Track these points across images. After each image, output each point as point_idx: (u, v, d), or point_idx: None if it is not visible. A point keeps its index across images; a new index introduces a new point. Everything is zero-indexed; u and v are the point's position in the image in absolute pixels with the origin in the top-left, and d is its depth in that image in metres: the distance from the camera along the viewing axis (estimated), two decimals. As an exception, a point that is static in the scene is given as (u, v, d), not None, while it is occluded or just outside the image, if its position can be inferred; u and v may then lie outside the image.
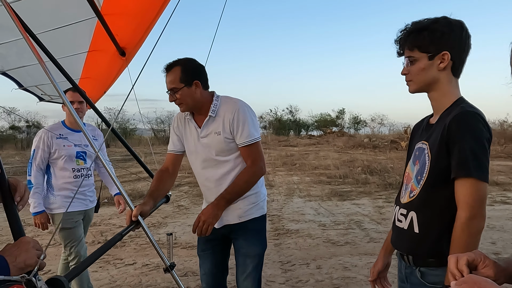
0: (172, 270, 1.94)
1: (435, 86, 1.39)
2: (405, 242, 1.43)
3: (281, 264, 4.21)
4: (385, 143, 20.75)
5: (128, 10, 3.39)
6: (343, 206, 7.10)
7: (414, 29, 1.36)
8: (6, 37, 3.28)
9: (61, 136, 2.85)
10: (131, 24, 3.54)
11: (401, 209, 1.45)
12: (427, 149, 1.36)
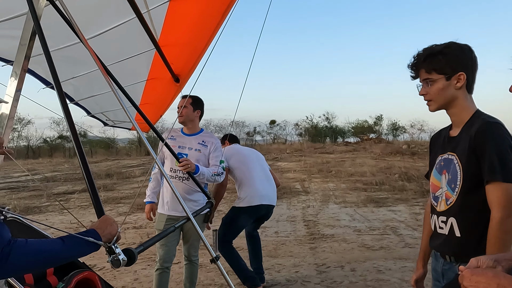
0: (218, 261, 2.21)
1: (454, 103, 1.55)
2: (448, 246, 1.55)
3: (316, 266, 4.39)
4: (424, 149, 20.21)
5: (181, 40, 3.81)
6: (379, 213, 7.14)
7: (428, 54, 1.54)
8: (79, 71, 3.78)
9: (172, 137, 3.16)
10: (185, 53, 3.97)
11: (440, 216, 1.57)
12: (456, 160, 1.51)
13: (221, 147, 3.37)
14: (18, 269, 1.08)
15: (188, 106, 3.18)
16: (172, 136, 3.20)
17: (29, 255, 1.07)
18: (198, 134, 3.24)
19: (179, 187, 3.03)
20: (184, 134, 3.24)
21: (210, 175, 3.02)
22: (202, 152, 3.16)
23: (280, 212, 7.48)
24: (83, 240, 1.20)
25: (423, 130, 38.96)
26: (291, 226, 6.33)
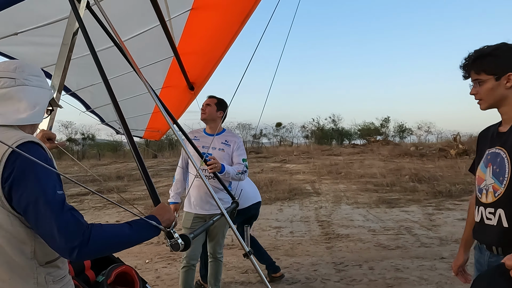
0: (251, 256, 2.28)
1: (504, 102, 1.62)
2: (495, 236, 1.61)
3: (335, 265, 4.44)
4: (433, 151, 20.20)
5: (199, 48, 3.92)
6: (392, 213, 7.17)
7: (478, 56, 1.62)
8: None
9: (195, 138, 3.23)
10: (201, 61, 4.08)
11: (488, 208, 1.64)
12: (504, 154, 1.59)
13: (243, 145, 3.44)
14: (97, 252, 1.15)
15: (212, 105, 3.26)
16: (196, 137, 3.27)
17: (105, 239, 1.15)
18: (221, 134, 3.32)
19: (205, 186, 3.10)
20: (207, 134, 3.32)
21: (235, 173, 3.09)
22: (225, 151, 3.23)
23: (293, 212, 7.54)
24: (147, 224, 1.28)
25: (430, 132, 38.89)
26: (306, 226, 6.39)
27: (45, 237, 1.11)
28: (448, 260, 4.44)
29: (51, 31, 2.93)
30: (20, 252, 1.13)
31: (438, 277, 3.96)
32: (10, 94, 1.22)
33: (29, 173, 1.09)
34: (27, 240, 1.14)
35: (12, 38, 2.96)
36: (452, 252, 4.69)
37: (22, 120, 1.21)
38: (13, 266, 1.12)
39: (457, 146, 18.84)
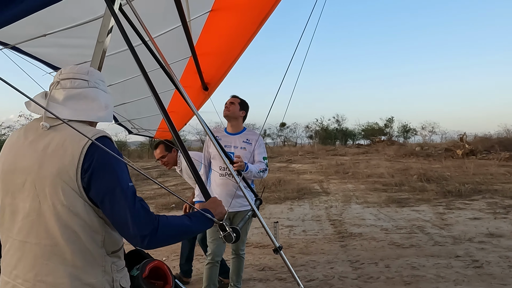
0: (281, 251, 2.33)
1: None
2: None
3: (351, 263, 4.48)
4: (438, 151, 20.18)
5: (216, 49, 3.98)
6: (403, 212, 7.20)
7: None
8: (116, 79, 3.97)
9: (217, 138, 3.22)
10: (217, 62, 4.14)
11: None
12: None
13: (263, 143, 3.49)
14: (164, 241, 1.21)
15: (236, 104, 3.31)
16: (217, 137, 3.32)
17: (170, 228, 1.22)
18: (242, 133, 3.36)
19: (229, 184, 3.16)
20: (228, 133, 3.36)
21: (256, 171, 3.13)
22: (247, 150, 3.28)
23: (304, 212, 7.58)
24: (204, 217, 1.34)
25: (434, 132, 38.88)
26: (318, 225, 6.42)
27: (119, 226, 1.17)
28: (463, 258, 4.47)
29: (76, 33, 3.00)
30: (93, 240, 1.19)
31: (455, 274, 3.99)
32: (84, 93, 1.30)
33: (107, 165, 1.16)
34: (99, 230, 1.20)
35: (40, 39, 3.03)
36: (466, 251, 4.72)
37: (101, 118, 1.29)
38: (86, 253, 1.18)
39: (463, 146, 18.81)
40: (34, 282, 1.14)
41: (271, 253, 4.93)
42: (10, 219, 1.20)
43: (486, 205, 7.50)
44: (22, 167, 1.18)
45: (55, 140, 1.18)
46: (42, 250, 1.15)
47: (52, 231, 1.14)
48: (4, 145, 1.29)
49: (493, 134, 26.36)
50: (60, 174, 1.14)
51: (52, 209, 1.14)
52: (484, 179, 10.43)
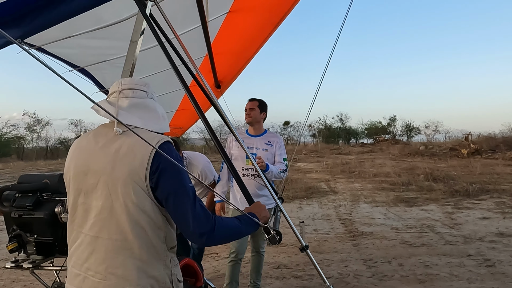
0: (307, 250, 2.41)
1: None
2: None
3: (364, 261, 4.56)
4: (443, 150, 20.20)
5: (230, 49, 4.06)
6: (412, 212, 7.27)
7: None
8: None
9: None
10: (231, 61, 4.23)
11: None
12: None
13: (284, 145, 3.57)
14: (219, 239, 1.30)
15: (256, 108, 3.39)
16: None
17: (225, 229, 1.31)
18: (264, 135, 3.45)
19: (251, 184, 3.24)
20: (250, 135, 3.46)
21: (277, 172, 3.22)
22: (269, 151, 3.38)
23: (313, 211, 7.66)
24: (250, 220, 1.42)
25: (438, 131, 38.81)
26: (328, 224, 6.51)
27: (180, 223, 1.28)
28: (475, 257, 4.55)
29: (98, 34, 3.10)
30: (157, 236, 1.29)
31: (468, 273, 4.07)
32: (145, 103, 1.41)
33: (172, 168, 1.26)
34: (162, 226, 1.30)
35: (64, 40, 3.12)
36: (478, 250, 4.79)
37: (162, 128, 1.40)
38: (151, 248, 1.28)
39: (469, 145, 18.84)
40: (105, 274, 1.24)
41: (285, 252, 5.02)
42: (82, 216, 1.29)
43: (494, 205, 7.56)
44: (95, 169, 1.28)
45: (126, 144, 1.28)
46: (113, 245, 1.25)
47: (123, 227, 1.24)
48: (72, 149, 1.39)
49: (497, 133, 26.37)
50: (131, 175, 1.24)
51: (124, 207, 1.24)
52: (491, 179, 10.49)
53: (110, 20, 2.93)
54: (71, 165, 1.35)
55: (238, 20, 3.80)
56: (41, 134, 38.78)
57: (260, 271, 3.51)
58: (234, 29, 3.96)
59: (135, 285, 1.24)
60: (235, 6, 3.56)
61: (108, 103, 1.39)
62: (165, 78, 4.03)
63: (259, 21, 3.93)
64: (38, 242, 2.29)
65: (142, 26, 2.42)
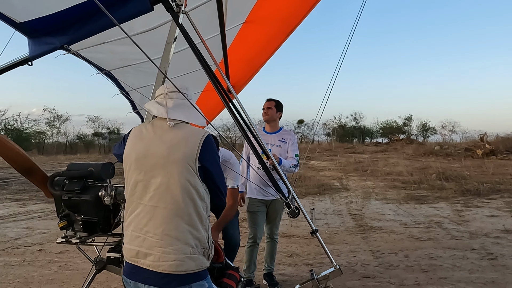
0: (317, 233, 2.72)
1: None
2: None
3: (372, 253, 4.84)
4: (458, 151, 20.14)
5: (243, 56, 4.43)
6: (421, 209, 7.49)
7: None
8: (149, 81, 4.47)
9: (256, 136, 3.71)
10: (243, 68, 4.59)
11: None
12: None
13: (296, 142, 3.88)
14: None
15: (272, 108, 3.72)
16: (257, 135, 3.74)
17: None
18: (278, 132, 3.78)
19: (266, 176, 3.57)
20: (266, 132, 3.79)
21: (289, 166, 3.55)
22: (282, 148, 3.70)
23: (325, 206, 7.95)
24: None
25: (455, 131, 38.43)
26: (339, 218, 6.79)
27: (215, 196, 1.68)
28: (479, 251, 4.78)
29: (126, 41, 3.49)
30: (201, 206, 1.64)
31: (470, 265, 4.31)
32: (186, 104, 1.78)
33: (213, 155, 1.64)
34: (205, 199, 1.66)
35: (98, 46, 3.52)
36: (482, 245, 5.02)
37: (200, 122, 1.76)
38: (196, 216, 1.63)
39: (484, 146, 18.76)
40: (162, 235, 1.59)
41: (297, 242, 5.34)
42: (142, 191, 1.64)
43: (504, 204, 7.71)
44: (153, 153, 1.64)
45: (179, 135, 1.65)
46: (168, 213, 1.59)
47: (177, 198, 1.59)
48: (131, 136, 1.76)
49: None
50: (185, 158, 1.60)
51: (178, 183, 1.59)
52: (503, 179, 10.57)
53: (140, 29, 3.31)
54: (133, 150, 1.70)
55: (253, 30, 4.16)
56: (61, 129, 39.88)
57: (274, 256, 3.84)
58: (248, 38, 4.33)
59: (184, 244, 1.59)
60: (251, 17, 3.92)
61: (157, 103, 1.75)
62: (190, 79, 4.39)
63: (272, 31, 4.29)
64: (84, 221, 2.65)
65: (175, 34, 2.77)
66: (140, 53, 4.26)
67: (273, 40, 4.43)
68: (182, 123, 1.70)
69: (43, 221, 7.07)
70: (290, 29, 4.03)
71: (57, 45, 2.79)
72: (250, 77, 5.08)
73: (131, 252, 1.66)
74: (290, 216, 1.95)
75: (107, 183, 2.71)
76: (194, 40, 2.79)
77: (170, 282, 1.58)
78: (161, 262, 1.58)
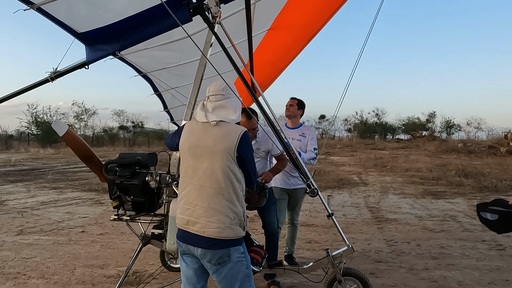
0: (333, 216, 3.11)
1: None
2: None
3: (386, 241, 5.18)
4: (481, 148, 19.96)
5: (268, 60, 4.81)
6: (438, 204, 7.72)
7: None
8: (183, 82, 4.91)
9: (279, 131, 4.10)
10: (268, 70, 4.97)
11: None
12: None
13: (315, 137, 4.26)
14: None
15: (294, 105, 4.11)
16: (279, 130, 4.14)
17: None
18: (299, 128, 4.16)
19: (287, 167, 3.96)
20: (288, 127, 4.18)
21: (307, 159, 3.94)
22: (302, 142, 4.09)
23: (344, 199, 8.28)
24: None
25: (480, 129, 37.63)
26: (356, 210, 7.12)
27: (248, 179, 2.11)
28: (489, 242, 5.05)
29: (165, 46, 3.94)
30: (238, 186, 2.07)
31: (478, 254, 4.60)
32: (223, 104, 2.18)
33: (247, 148, 2.07)
34: (241, 181, 2.09)
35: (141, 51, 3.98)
36: (492, 237, 5.27)
37: (234, 120, 2.16)
38: (234, 194, 2.05)
39: (507, 143, 18.53)
40: (207, 208, 2.02)
41: (315, 230, 5.73)
42: (192, 173, 2.09)
43: (521, 200, 7.83)
44: (202, 144, 2.08)
45: (221, 131, 2.08)
46: (213, 191, 2.03)
47: (219, 180, 2.02)
48: (186, 129, 2.19)
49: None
50: (226, 149, 2.02)
51: (220, 168, 2.02)
52: (523, 177, 10.60)
53: (177, 36, 3.76)
54: (186, 141, 2.14)
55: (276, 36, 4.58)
56: (88, 123, 41.25)
57: (294, 240, 4.24)
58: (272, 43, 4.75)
59: (224, 216, 2.02)
60: (275, 24, 4.33)
61: (203, 105, 2.18)
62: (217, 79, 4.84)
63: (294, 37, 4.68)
64: (133, 201, 3.12)
65: (211, 40, 3.19)
66: (175, 57, 4.79)
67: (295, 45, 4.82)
68: (223, 122, 2.12)
69: (81, 207, 7.70)
70: (311, 35, 4.41)
71: (110, 51, 3.27)
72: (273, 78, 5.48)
73: (183, 220, 2.10)
74: (310, 195, 2.35)
75: (150, 170, 3.17)
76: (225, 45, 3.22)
77: (214, 245, 2.01)
78: (206, 229, 2.01)
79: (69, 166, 16.43)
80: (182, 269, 2.22)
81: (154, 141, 39.25)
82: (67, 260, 4.48)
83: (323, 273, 3.29)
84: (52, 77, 3.28)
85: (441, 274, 3.99)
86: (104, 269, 4.20)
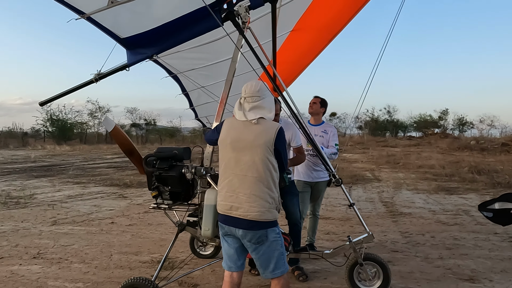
0: (354, 206, 3.38)
1: None
2: None
3: (401, 233, 5.41)
4: (495, 145, 19.89)
5: (290, 59, 5.06)
6: (451, 199, 7.91)
7: None
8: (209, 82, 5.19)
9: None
10: (290, 69, 5.23)
11: None
12: None
13: (337, 133, 4.51)
14: None
15: (317, 103, 4.37)
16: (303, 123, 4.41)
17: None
18: (321, 125, 4.42)
19: (310, 162, 4.22)
20: (311, 124, 4.44)
21: (329, 153, 4.20)
22: (324, 138, 4.35)
23: (358, 194, 8.51)
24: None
25: (494, 126, 37.32)
26: (371, 205, 7.35)
27: (281, 167, 2.40)
28: (501, 235, 5.25)
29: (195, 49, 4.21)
30: (275, 175, 2.36)
31: (490, 245, 4.81)
32: (259, 105, 2.45)
33: (283, 141, 2.36)
34: (277, 170, 2.38)
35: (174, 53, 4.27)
36: (505, 230, 5.46)
37: (269, 118, 2.44)
38: (272, 182, 2.34)
39: (521, 141, 18.47)
40: (250, 195, 2.31)
41: (333, 223, 5.99)
42: (234, 164, 2.37)
43: (534, 196, 7.96)
44: (243, 138, 2.36)
45: (260, 128, 2.36)
46: (254, 179, 2.31)
47: (259, 170, 2.31)
48: (226, 124, 2.47)
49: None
50: (265, 143, 2.31)
51: (260, 160, 2.30)
52: (536, 173, 10.67)
53: (208, 40, 4.04)
54: (228, 136, 2.42)
55: (299, 36, 4.83)
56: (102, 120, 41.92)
57: (315, 230, 4.51)
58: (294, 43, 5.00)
59: (264, 201, 2.30)
60: (297, 26, 4.58)
61: (240, 104, 2.46)
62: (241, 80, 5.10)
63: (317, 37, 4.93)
64: (171, 192, 3.41)
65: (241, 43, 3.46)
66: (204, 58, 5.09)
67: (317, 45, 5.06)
68: (262, 118, 2.40)
69: (106, 200, 8.08)
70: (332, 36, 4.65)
71: (149, 54, 3.58)
72: (295, 77, 5.73)
73: (226, 206, 2.38)
74: (336, 185, 2.62)
75: (185, 164, 3.46)
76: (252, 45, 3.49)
77: (254, 226, 2.30)
78: (249, 213, 2.29)
79: (88, 162, 16.93)
80: (223, 248, 2.51)
81: (166, 139, 39.79)
82: (102, 248, 4.82)
83: (343, 261, 3.54)
84: (97, 79, 3.58)
85: (455, 262, 4.22)
86: (138, 255, 4.53)
